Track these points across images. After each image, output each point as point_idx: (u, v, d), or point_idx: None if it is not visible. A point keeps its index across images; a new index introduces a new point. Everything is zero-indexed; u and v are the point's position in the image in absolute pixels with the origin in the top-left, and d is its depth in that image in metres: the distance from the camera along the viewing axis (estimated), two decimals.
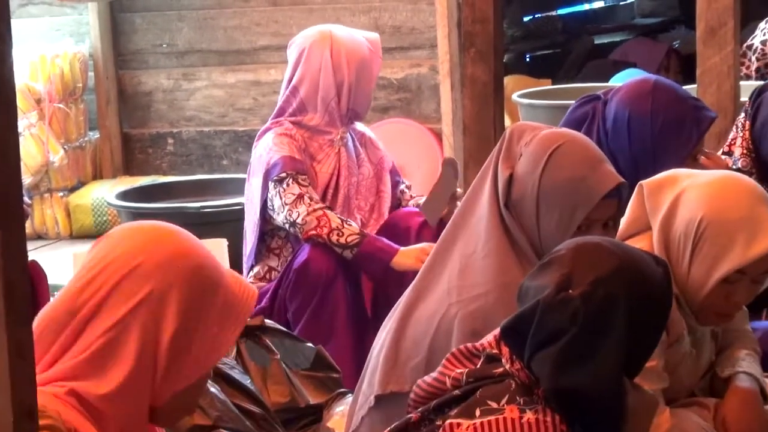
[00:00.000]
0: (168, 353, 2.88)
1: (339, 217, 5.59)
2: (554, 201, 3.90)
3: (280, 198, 5.58)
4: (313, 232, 5.54)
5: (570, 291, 3.14)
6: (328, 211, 5.59)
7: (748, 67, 7.15)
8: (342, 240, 5.54)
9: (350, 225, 5.61)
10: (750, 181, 4.10)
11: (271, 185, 5.64)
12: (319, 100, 5.79)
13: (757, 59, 6.88)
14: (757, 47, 6.95)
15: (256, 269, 5.80)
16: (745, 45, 7.12)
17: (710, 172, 4.21)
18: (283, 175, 5.60)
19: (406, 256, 5.55)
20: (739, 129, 5.44)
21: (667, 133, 4.84)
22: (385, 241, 5.66)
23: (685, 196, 3.95)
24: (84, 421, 2.84)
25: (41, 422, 2.75)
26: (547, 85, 9.05)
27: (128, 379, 2.89)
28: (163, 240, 2.98)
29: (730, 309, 4.02)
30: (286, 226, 5.60)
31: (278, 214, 5.62)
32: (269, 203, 5.68)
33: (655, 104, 4.90)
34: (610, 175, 3.93)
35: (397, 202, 6.03)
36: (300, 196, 5.56)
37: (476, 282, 3.92)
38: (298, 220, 5.54)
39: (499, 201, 3.96)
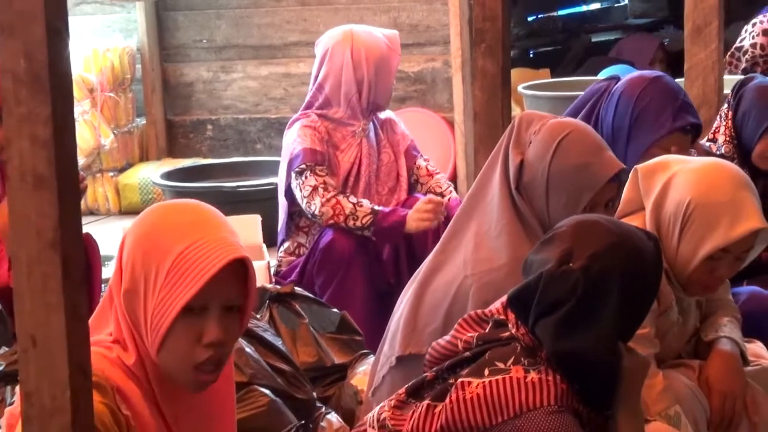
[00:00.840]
0: (125, 313, 2.88)
1: (350, 202, 5.61)
2: (562, 185, 3.90)
3: (300, 190, 5.64)
4: (332, 221, 5.60)
5: (570, 264, 3.15)
6: (340, 198, 5.62)
7: (736, 66, 7.12)
8: (358, 223, 5.59)
9: (362, 206, 5.64)
10: (734, 168, 4.11)
11: (293, 176, 5.69)
12: (342, 95, 5.80)
13: (746, 60, 6.85)
14: (746, 49, 6.92)
15: (286, 244, 5.81)
16: (734, 47, 7.09)
17: (699, 159, 4.22)
18: (303, 167, 5.64)
19: (412, 219, 5.62)
20: (722, 118, 5.44)
21: (643, 117, 4.87)
22: (396, 212, 5.70)
23: (675, 180, 3.96)
24: (126, 380, 2.84)
25: None
26: (545, 76, 9.05)
27: (127, 344, 2.90)
28: (147, 213, 2.95)
29: (715, 282, 4.04)
30: (309, 216, 5.63)
31: (301, 203, 5.65)
32: (294, 192, 5.71)
33: (645, 91, 4.92)
34: (612, 161, 3.94)
35: (414, 178, 6.02)
36: (315, 188, 5.60)
37: (490, 257, 3.92)
38: (316, 212, 5.60)
39: (510, 184, 3.96)
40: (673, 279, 3.98)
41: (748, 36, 6.91)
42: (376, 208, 5.67)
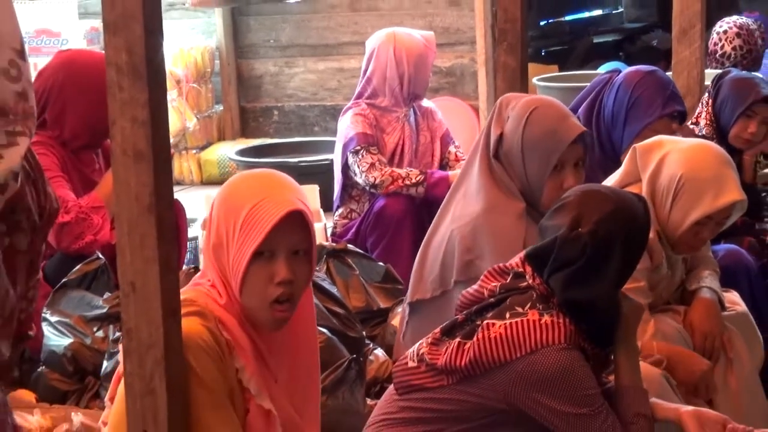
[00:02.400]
0: (215, 263, 2.91)
1: (401, 171, 5.63)
2: (534, 149, 3.88)
3: (358, 167, 5.64)
4: (392, 187, 5.60)
5: (580, 229, 3.15)
6: (394, 169, 5.65)
7: (723, 65, 7.04)
8: (412, 182, 5.62)
9: (411, 170, 5.69)
10: (718, 148, 4.10)
11: (349, 156, 5.68)
12: (386, 87, 5.80)
13: (730, 62, 6.77)
14: (729, 53, 6.84)
15: (340, 210, 5.82)
16: (717, 53, 7.03)
17: (688, 140, 4.21)
18: (358, 148, 5.64)
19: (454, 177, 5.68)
20: (704, 105, 5.42)
21: (638, 104, 4.86)
22: (439, 172, 5.77)
23: (668, 157, 3.95)
24: (225, 312, 2.86)
25: (192, 308, 2.80)
26: (554, 70, 9.02)
27: (219, 289, 2.92)
28: (229, 181, 2.99)
29: (699, 243, 4.04)
30: (367, 187, 5.64)
31: (359, 177, 5.66)
32: (350, 168, 5.71)
33: (641, 82, 4.90)
34: (574, 126, 3.92)
35: (445, 161, 6.02)
36: (372, 164, 5.61)
37: (470, 211, 3.93)
38: (377, 182, 5.59)
39: (489, 154, 3.97)
40: (664, 240, 3.98)
41: (726, 42, 6.85)
42: (423, 174, 5.71)
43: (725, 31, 6.85)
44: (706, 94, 5.45)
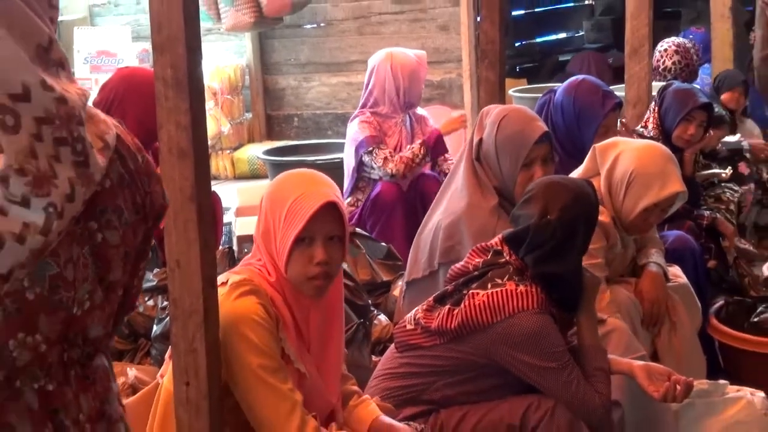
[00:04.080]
0: (265, 247, 2.91)
1: (406, 154, 5.63)
2: (505, 149, 3.87)
3: (374, 163, 5.62)
4: (407, 171, 5.61)
5: (549, 217, 3.15)
6: (402, 155, 5.64)
7: (665, 78, 7.01)
8: (418, 155, 5.64)
9: (412, 147, 5.68)
10: (664, 148, 4.12)
11: (364, 156, 5.65)
12: (386, 98, 5.77)
13: (671, 75, 6.76)
14: (669, 67, 6.83)
15: (349, 199, 5.80)
16: (660, 68, 7.01)
17: (639, 141, 4.24)
18: (370, 148, 5.62)
19: (443, 128, 5.84)
20: (651, 112, 5.42)
21: (584, 110, 4.79)
22: (431, 133, 5.80)
23: (622, 155, 3.95)
24: (273, 290, 2.86)
25: (248, 287, 2.81)
26: (524, 83, 9.02)
27: (268, 268, 2.92)
28: (276, 179, 3.00)
29: (648, 227, 4.05)
30: (385, 177, 5.61)
31: (377, 171, 5.63)
32: (366, 166, 5.68)
33: (577, 92, 4.84)
34: (538, 127, 3.91)
35: (434, 160, 5.99)
36: (385, 158, 5.59)
37: (455, 206, 3.92)
38: (394, 171, 5.56)
39: (472, 156, 3.96)
40: (618, 224, 3.97)
41: (667, 58, 6.83)
42: (418, 141, 5.73)
43: (666, 50, 6.83)
44: (653, 103, 5.45)
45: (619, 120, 5.09)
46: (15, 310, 1.67)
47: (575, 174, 4.02)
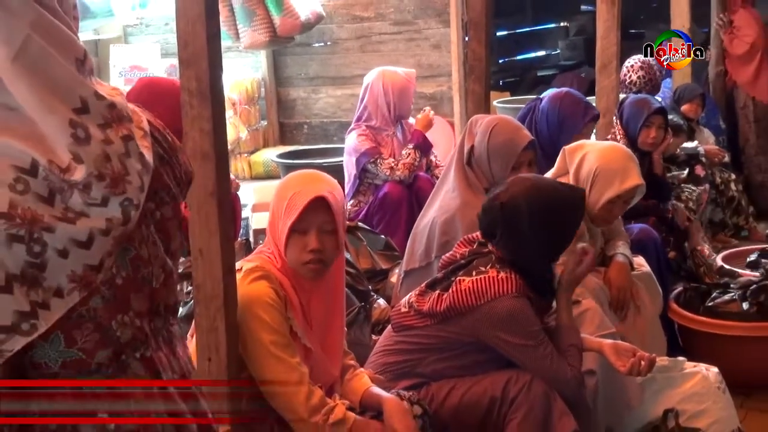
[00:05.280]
0: (272, 236, 2.94)
1: (405, 160, 5.61)
2: (496, 154, 3.88)
3: (379, 171, 5.60)
4: (411, 174, 5.60)
5: (498, 201, 3.16)
6: (402, 161, 5.61)
7: (630, 90, 7.01)
8: (416, 158, 5.63)
9: (409, 153, 5.65)
10: (624, 148, 4.14)
11: (369, 166, 5.61)
12: (378, 112, 5.75)
13: (636, 88, 6.75)
14: (635, 81, 6.82)
15: (351, 201, 5.77)
16: (626, 82, 6.99)
17: (603, 142, 4.25)
18: (374, 159, 5.60)
19: (420, 126, 5.79)
20: (615, 124, 5.42)
21: (566, 119, 4.83)
22: (414, 133, 5.77)
23: (588, 155, 3.95)
24: (281, 275, 2.87)
25: (260, 273, 2.83)
26: (506, 96, 9.01)
27: (275, 255, 2.93)
28: (283, 179, 3.03)
29: (612, 218, 4.04)
30: (396, 180, 5.58)
31: (383, 177, 5.61)
32: (370, 173, 5.65)
33: (562, 102, 4.87)
34: (525, 135, 3.92)
35: (427, 166, 5.98)
36: (392, 168, 5.58)
37: (449, 205, 3.92)
38: (401, 177, 5.56)
39: (463, 161, 3.96)
40: (585, 216, 3.97)
41: (633, 73, 6.82)
42: (410, 146, 5.71)
43: (632, 65, 6.83)
44: (615, 116, 5.45)
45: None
46: (111, 296, 1.71)
47: (548, 174, 4.02)
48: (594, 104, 5.22)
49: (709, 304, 4.61)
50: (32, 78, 1.59)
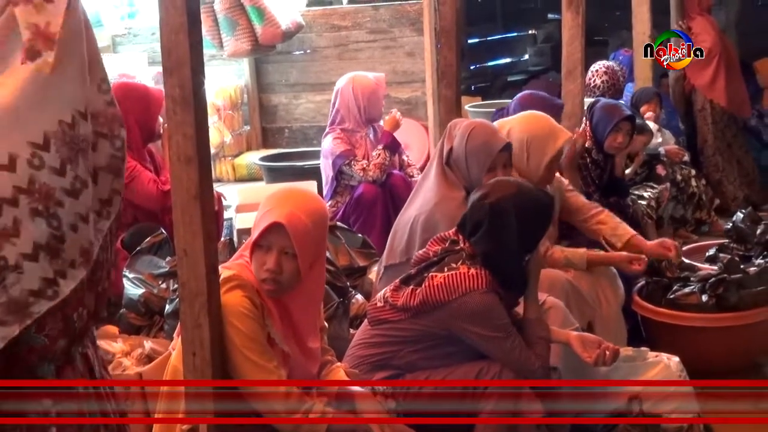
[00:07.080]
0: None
1: (376, 160, 5.63)
2: (473, 156, 3.87)
3: (353, 173, 5.61)
4: (382, 175, 5.63)
5: (486, 200, 3.17)
6: (373, 163, 5.62)
7: (594, 94, 7.02)
8: (387, 159, 5.67)
9: (379, 155, 5.67)
10: (538, 112, 4.27)
11: (344, 168, 5.62)
12: (350, 115, 5.75)
13: (600, 91, 6.77)
14: (599, 85, 6.84)
15: (330, 201, 5.76)
16: (591, 85, 7.01)
17: (516, 115, 4.34)
18: (348, 161, 5.60)
19: (387, 126, 5.81)
20: (585, 123, 5.43)
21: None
22: (383, 135, 5.80)
23: (512, 130, 4.11)
24: (257, 282, 2.85)
25: (235, 283, 2.80)
26: (478, 100, 9.03)
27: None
28: (270, 194, 2.98)
29: (552, 177, 4.17)
30: (368, 180, 5.60)
31: (357, 178, 5.61)
32: (346, 174, 5.65)
33: (532, 103, 4.89)
34: (500, 139, 3.91)
35: (400, 165, 5.98)
36: (364, 168, 5.59)
37: (428, 204, 3.90)
38: (374, 177, 5.58)
39: (443, 161, 3.96)
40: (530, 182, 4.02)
41: (597, 77, 6.85)
42: (379, 146, 5.73)
43: (597, 70, 6.86)
44: (584, 118, 5.46)
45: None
46: (80, 288, 1.77)
47: None
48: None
49: (670, 296, 4.63)
50: None
